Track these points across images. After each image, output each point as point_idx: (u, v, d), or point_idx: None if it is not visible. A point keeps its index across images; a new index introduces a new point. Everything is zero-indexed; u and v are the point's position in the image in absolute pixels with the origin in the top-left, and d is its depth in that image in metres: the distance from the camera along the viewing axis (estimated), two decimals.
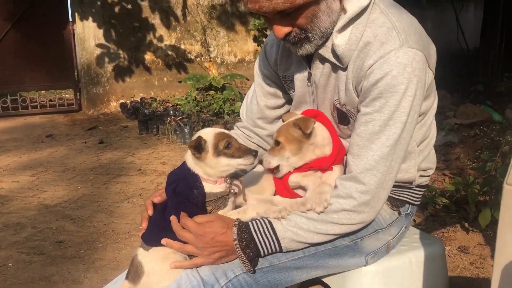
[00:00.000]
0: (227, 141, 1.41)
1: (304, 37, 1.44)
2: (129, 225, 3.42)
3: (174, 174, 1.51)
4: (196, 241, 1.41)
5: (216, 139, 1.41)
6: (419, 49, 1.40)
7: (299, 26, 1.42)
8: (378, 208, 1.45)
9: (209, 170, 1.43)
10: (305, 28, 1.42)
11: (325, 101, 1.61)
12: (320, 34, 1.44)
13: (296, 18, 1.39)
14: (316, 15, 1.40)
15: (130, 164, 5.09)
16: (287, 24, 1.42)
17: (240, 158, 1.41)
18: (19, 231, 3.34)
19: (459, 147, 4.35)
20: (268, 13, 1.38)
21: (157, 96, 8.49)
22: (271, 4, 1.33)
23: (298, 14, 1.38)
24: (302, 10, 1.37)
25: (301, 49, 1.48)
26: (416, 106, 1.42)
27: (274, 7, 1.33)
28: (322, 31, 1.44)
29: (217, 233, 1.40)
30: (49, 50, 8.07)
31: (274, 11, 1.35)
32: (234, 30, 9.28)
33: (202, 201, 1.43)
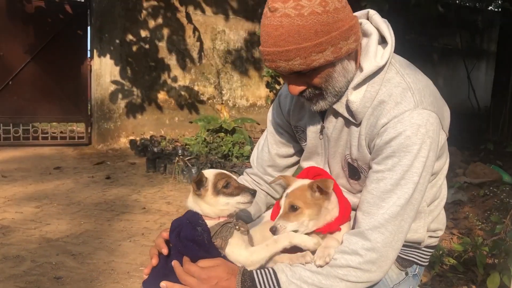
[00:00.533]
0: (226, 180, 1.44)
1: (319, 94, 1.46)
2: (130, 265, 3.36)
3: (177, 220, 1.52)
4: (200, 286, 1.38)
5: (215, 178, 1.45)
6: (433, 110, 1.41)
7: (314, 85, 1.44)
8: (386, 268, 1.41)
9: (208, 209, 1.45)
10: (320, 87, 1.44)
11: (336, 155, 1.61)
12: (335, 92, 1.46)
13: (311, 77, 1.42)
14: (331, 75, 1.42)
15: (135, 202, 5.07)
16: (302, 83, 1.44)
17: (238, 196, 1.44)
18: (18, 264, 3.30)
19: (468, 206, 4.29)
20: (284, 73, 1.41)
21: (167, 135, 8.57)
22: (287, 65, 1.36)
23: (314, 74, 1.41)
24: (318, 71, 1.40)
25: (315, 105, 1.49)
26: (429, 167, 1.42)
27: (291, 68, 1.36)
28: (337, 90, 1.46)
29: (221, 278, 1.38)
30: (65, 84, 8.27)
31: (290, 72, 1.39)
32: (247, 75, 9.46)
33: (208, 237, 1.42)
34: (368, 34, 1.50)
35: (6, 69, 7.84)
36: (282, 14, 1.31)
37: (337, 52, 1.36)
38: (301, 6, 1.30)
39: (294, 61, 1.34)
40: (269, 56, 1.37)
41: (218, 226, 1.43)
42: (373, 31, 1.50)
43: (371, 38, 1.48)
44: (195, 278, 1.39)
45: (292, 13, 1.30)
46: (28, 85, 8.01)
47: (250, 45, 9.40)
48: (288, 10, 1.30)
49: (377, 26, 1.51)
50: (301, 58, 1.33)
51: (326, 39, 1.32)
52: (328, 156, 1.64)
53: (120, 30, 8.21)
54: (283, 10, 1.31)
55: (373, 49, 1.46)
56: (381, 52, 1.47)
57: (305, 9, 1.29)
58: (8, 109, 7.94)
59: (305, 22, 1.30)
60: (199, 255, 1.43)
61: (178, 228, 1.47)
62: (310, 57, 1.33)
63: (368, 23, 1.53)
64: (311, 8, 1.30)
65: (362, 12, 1.58)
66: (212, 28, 9.01)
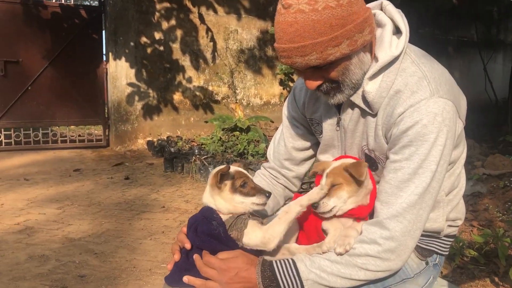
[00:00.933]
0: (243, 180, 1.47)
1: (336, 88, 1.47)
2: (151, 262, 3.42)
3: (193, 217, 1.55)
4: (220, 277, 1.41)
5: (235, 176, 1.48)
6: (450, 99, 1.41)
7: (331, 79, 1.45)
8: (405, 257, 1.42)
9: (223, 204, 1.48)
10: (337, 81, 1.45)
11: (353, 146, 1.62)
12: (352, 85, 1.47)
13: (328, 71, 1.43)
14: (347, 68, 1.43)
15: (154, 201, 5.14)
16: (319, 77, 1.45)
17: (254, 197, 1.46)
18: (43, 263, 3.38)
19: (487, 198, 4.25)
20: (300, 68, 1.42)
21: (183, 135, 8.65)
22: (304, 60, 1.36)
23: (330, 68, 1.41)
24: (334, 65, 1.41)
25: (333, 98, 1.50)
26: (446, 155, 1.42)
27: (307, 63, 1.37)
28: (354, 82, 1.47)
29: (241, 269, 1.41)
30: (82, 88, 8.40)
31: (307, 67, 1.39)
32: (261, 74, 9.49)
33: (224, 230, 1.45)
34: (382, 24, 1.51)
35: (25, 75, 7.99)
36: (296, 10, 1.32)
37: (352, 45, 1.36)
38: (315, 1, 1.31)
39: (310, 56, 1.35)
40: (285, 53, 1.38)
41: (232, 218, 1.46)
42: (387, 21, 1.50)
43: (385, 29, 1.49)
44: (215, 269, 1.42)
45: (306, 9, 1.31)
46: (46, 90, 8.16)
47: (262, 44, 9.43)
48: (302, 5, 1.31)
49: (391, 17, 1.52)
50: (317, 52, 1.34)
51: (341, 33, 1.33)
52: (345, 148, 1.65)
53: (134, 33, 8.31)
54: (297, 6, 1.32)
55: (387, 39, 1.47)
56: (395, 42, 1.47)
57: (319, 3, 1.30)
58: (28, 114, 8.10)
59: (320, 17, 1.31)
60: (218, 248, 1.46)
61: (194, 224, 1.51)
62: (326, 51, 1.34)
63: (382, 13, 1.53)
64: (325, 3, 1.31)
65: (376, 3, 1.58)
66: (225, 28, 9.06)
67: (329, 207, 1.48)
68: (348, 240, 1.42)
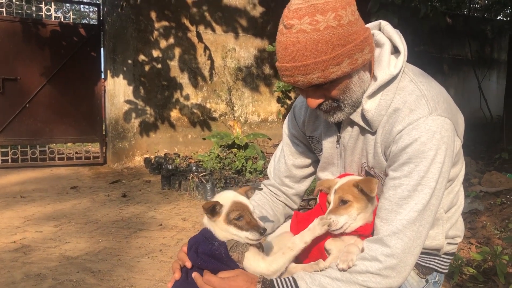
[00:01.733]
0: (239, 213, 1.45)
1: (336, 106, 1.50)
2: (149, 281, 3.39)
3: (193, 238, 1.55)
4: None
5: (231, 207, 1.46)
6: (448, 117, 1.43)
7: (332, 97, 1.47)
8: (405, 274, 1.42)
9: (219, 232, 1.48)
10: (337, 99, 1.48)
11: (353, 164, 1.64)
12: (352, 103, 1.50)
13: (329, 90, 1.45)
14: (348, 86, 1.45)
15: (151, 219, 5.12)
16: (320, 95, 1.48)
17: (247, 232, 1.44)
18: (40, 282, 3.34)
19: (485, 215, 4.26)
20: (302, 87, 1.44)
21: (181, 152, 8.66)
22: (306, 79, 1.39)
23: (332, 86, 1.44)
24: (336, 83, 1.43)
25: (333, 117, 1.53)
26: (445, 172, 1.43)
27: (309, 81, 1.40)
28: (354, 100, 1.49)
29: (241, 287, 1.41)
30: (80, 105, 8.42)
31: (309, 85, 1.42)
32: (258, 91, 9.55)
33: (225, 250, 1.45)
34: (380, 44, 1.54)
35: (23, 92, 8.02)
36: (298, 30, 1.35)
37: (353, 64, 1.39)
38: (316, 21, 1.34)
39: (312, 74, 1.37)
40: (287, 72, 1.41)
41: (233, 240, 1.46)
42: (385, 41, 1.53)
43: (384, 48, 1.52)
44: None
45: (308, 29, 1.34)
46: (44, 107, 8.18)
47: (260, 62, 9.51)
48: (304, 26, 1.34)
49: (389, 37, 1.55)
50: (319, 71, 1.37)
51: (342, 52, 1.36)
52: (345, 166, 1.67)
53: (132, 51, 8.37)
54: (299, 26, 1.35)
55: (386, 58, 1.50)
56: (394, 62, 1.50)
57: (321, 24, 1.34)
58: (25, 131, 8.11)
59: (321, 37, 1.34)
60: (219, 268, 1.46)
61: (195, 245, 1.51)
62: (328, 69, 1.37)
63: (381, 33, 1.56)
64: (326, 23, 1.34)
65: (374, 24, 1.62)
66: (223, 46, 9.14)
67: (340, 224, 1.49)
68: (351, 256, 1.42)
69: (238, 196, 1.50)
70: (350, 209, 1.50)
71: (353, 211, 1.50)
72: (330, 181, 1.61)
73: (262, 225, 1.45)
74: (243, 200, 1.49)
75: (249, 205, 1.48)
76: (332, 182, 1.59)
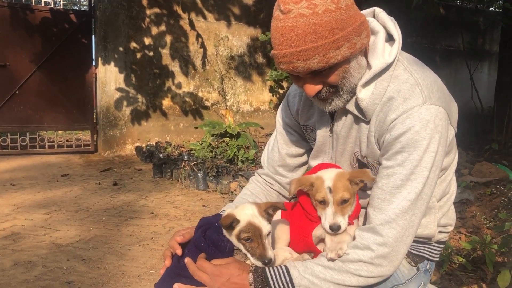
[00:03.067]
0: (249, 236, 1.42)
1: (334, 92, 1.47)
2: (140, 269, 3.39)
3: (206, 219, 1.54)
4: (212, 282, 1.41)
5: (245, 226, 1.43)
6: (442, 106, 1.43)
7: (330, 83, 1.45)
8: (397, 262, 1.43)
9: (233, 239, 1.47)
10: (336, 85, 1.45)
11: (345, 152, 1.63)
12: (350, 89, 1.48)
13: (328, 76, 1.43)
14: (347, 71, 1.43)
15: (142, 207, 5.10)
16: (318, 82, 1.45)
17: (253, 257, 1.43)
18: (30, 270, 3.33)
19: (475, 205, 4.29)
20: (301, 73, 1.41)
21: (173, 141, 8.62)
22: (306, 64, 1.36)
23: (331, 72, 1.42)
24: (334, 69, 1.41)
25: (330, 104, 1.50)
26: (438, 162, 1.43)
27: (309, 67, 1.37)
28: (352, 86, 1.48)
29: (233, 275, 1.41)
30: (70, 92, 8.33)
31: (308, 71, 1.39)
32: (251, 80, 9.51)
33: (231, 247, 1.45)
34: (375, 32, 1.52)
35: (12, 79, 7.91)
36: (296, 15, 1.32)
37: (352, 48, 1.38)
38: (314, 5, 1.31)
39: (312, 59, 1.35)
40: (285, 58, 1.37)
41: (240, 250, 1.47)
42: (380, 29, 1.52)
43: (378, 36, 1.50)
44: (207, 274, 1.42)
45: (306, 13, 1.32)
46: (34, 94, 8.08)
47: (253, 51, 9.46)
48: (302, 10, 1.32)
49: (384, 24, 1.53)
50: (319, 56, 1.34)
51: (342, 35, 1.34)
52: (336, 154, 1.66)
53: (124, 38, 8.28)
54: (297, 11, 1.32)
55: (380, 46, 1.48)
56: (388, 50, 1.49)
57: (319, 7, 1.32)
58: (15, 118, 8.01)
59: (321, 20, 1.32)
60: (216, 256, 1.46)
61: (205, 226, 1.50)
62: (328, 54, 1.35)
63: (375, 21, 1.55)
64: (324, 6, 1.32)
65: (368, 11, 1.60)
66: (215, 34, 9.07)
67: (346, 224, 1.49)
68: (341, 245, 1.42)
69: (256, 217, 1.45)
70: (349, 207, 1.50)
71: (350, 208, 1.50)
72: (309, 177, 1.55)
73: (268, 256, 1.42)
74: (258, 223, 1.44)
75: (263, 230, 1.43)
76: (312, 178, 1.54)
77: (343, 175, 1.51)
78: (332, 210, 1.47)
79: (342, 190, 1.47)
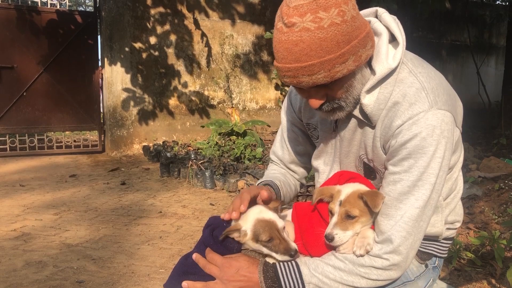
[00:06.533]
0: (269, 236, 1.41)
1: (338, 107, 1.46)
2: (149, 268, 3.42)
3: (216, 218, 1.55)
4: (221, 274, 1.43)
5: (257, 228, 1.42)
6: (448, 109, 1.41)
7: (334, 97, 1.43)
8: (406, 266, 1.44)
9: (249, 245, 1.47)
10: (339, 98, 1.43)
11: (350, 154, 1.62)
12: (354, 101, 1.46)
13: (333, 89, 1.41)
14: (351, 84, 1.41)
15: (151, 206, 5.14)
16: (323, 95, 1.43)
17: (277, 254, 1.42)
18: (41, 270, 3.36)
19: (483, 201, 4.28)
20: (306, 87, 1.39)
21: (179, 140, 8.65)
22: (311, 79, 1.33)
23: (335, 85, 1.39)
24: (340, 82, 1.39)
25: (333, 116, 1.49)
26: (445, 166, 1.42)
27: (314, 82, 1.34)
28: (355, 98, 1.46)
29: (242, 267, 1.42)
30: (77, 93, 8.39)
31: (313, 86, 1.37)
32: (256, 78, 9.51)
33: (239, 246, 1.46)
34: (378, 33, 1.48)
35: (20, 80, 7.97)
36: (301, 29, 1.28)
37: (358, 61, 1.35)
38: (319, 19, 1.27)
39: (318, 74, 1.32)
40: (290, 72, 1.34)
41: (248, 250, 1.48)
42: (383, 30, 1.48)
43: (382, 38, 1.47)
44: (217, 266, 1.44)
45: (311, 27, 1.27)
46: (41, 95, 8.14)
47: (258, 49, 9.46)
48: (307, 23, 1.27)
49: (387, 25, 1.49)
50: (325, 71, 1.31)
51: (347, 49, 1.31)
52: (340, 156, 1.65)
53: (129, 38, 8.31)
54: (302, 25, 1.27)
55: (384, 50, 1.45)
56: (392, 53, 1.46)
57: (324, 21, 1.27)
58: (23, 119, 8.08)
59: (326, 35, 1.28)
60: (224, 254, 1.47)
61: (214, 225, 1.51)
62: (334, 69, 1.32)
63: (378, 22, 1.51)
64: (330, 20, 1.27)
65: (371, 11, 1.56)
66: (220, 33, 9.08)
67: (345, 240, 1.45)
68: (367, 240, 1.43)
69: (264, 213, 1.44)
70: (356, 225, 1.45)
71: (358, 226, 1.46)
72: (331, 189, 1.53)
73: (293, 247, 1.42)
74: (270, 217, 1.43)
75: (277, 222, 1.42)
76: (334, 190, 1.52)
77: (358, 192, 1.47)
78: (334, 221, 1.45)
79: (350, 206, 1.44)
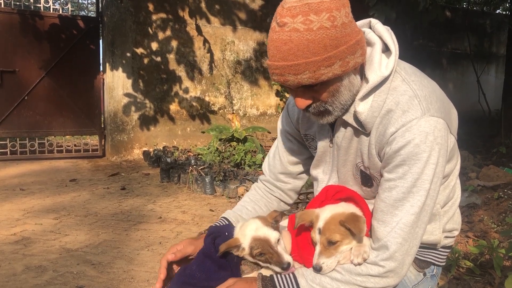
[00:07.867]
0: (260, 251, 1.47)
1: (324, 110, 1.48)
2: (149, 273, 3.42)
3: (217, 227, 1.57)
4: None
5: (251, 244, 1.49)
6: (441, 116, 1.43)
7: (320, 100, 1.46)
8: (403, 273, 1.45)
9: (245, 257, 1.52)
10: (326, 101, 1.46)
11: (347, 163, 1.63)
12: (340, 107, 1.48)
13: (319, 92, 1.43)
14: (338, 90, 1.44)
15: (150, 211, 5.14)
16: (309, 96, 1.46)
17: (271, 265, 1.48)
18: (41, 274, 3.37)
19: (482, 209, 4.29)
20: (292, 87, 1.43)
21: (180, 145, 8.67)
22: (296, 79, 1.37)
23: (322, 88, 1.42)
24: (326, 85, 1.41)
25: (321, 119, 1.52)
26: (439, 173, 1.43)
27: (299, 82, 1.37)
28: (342, 103, 1.47)
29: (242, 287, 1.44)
30: (78, 98, 8.42)
31: (298, 85, 1.40)
32: (257, 85, 9.55)
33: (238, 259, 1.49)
34: (371, 43, 1.51)
35: (21, 84, 8.00)
36: (291, 29, 1.32)
37: (344, 66, 1.37)
38: (310, 21, 1.31)
39: (303, 75, 1.35)
40: (277, 70, 1.39)
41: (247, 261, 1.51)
42: (376, 40, 1.51)
43: (375, 48, 1.49)
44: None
45: (301, 28, 1.31)
46: (43, 99, 8.17)
47: (259, 55, 9.50)
48: (297, 25, 1.32)
49: (380, 35, 1.52)
50: (310, 72, 1.35)
51: (334, 53, 1.34)
52: (338, 164, 1.66)
53: (131, 44, 8.35)
54: (292, 25, 1.32)
55: (377, 59, 1.47)
56: (385, 62, 1.48)
57: (314, 24, 1.31)
58: (24, 123, 8.11)
59: (314, 37, 1.32)
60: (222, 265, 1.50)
61: (215, 234, 1.54)
62: (319, 71, 1.35)
63: (371, 32, 1.53)
64: (320, 23, 1.31)
65: (364, 21, 1.59)
66: (222, 39, 9.13)
67: (333, 266, 1.45)
68: (364, 248, 1.44)
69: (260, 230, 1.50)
70: (340, 248, 1.45)
71: (343, 247, 1.45)
72: (310, 213, 1.53)
73: (285, 260, 1.46)
74: (263, 235, 1.49)
75: (270, 239, 1.48)
76: (313, 215, 1.51)
77: (338, 216, 1.46)
78: (318, 251, 1.45)
79: (330, 232, 1.44)
